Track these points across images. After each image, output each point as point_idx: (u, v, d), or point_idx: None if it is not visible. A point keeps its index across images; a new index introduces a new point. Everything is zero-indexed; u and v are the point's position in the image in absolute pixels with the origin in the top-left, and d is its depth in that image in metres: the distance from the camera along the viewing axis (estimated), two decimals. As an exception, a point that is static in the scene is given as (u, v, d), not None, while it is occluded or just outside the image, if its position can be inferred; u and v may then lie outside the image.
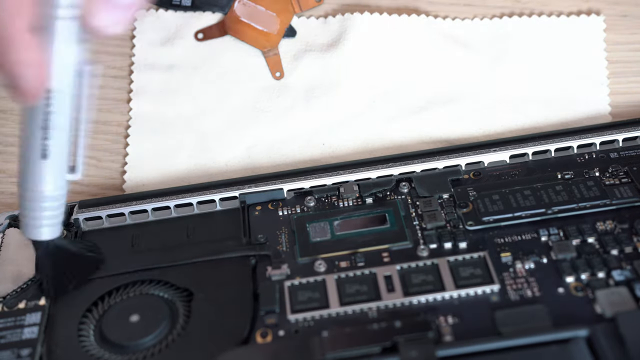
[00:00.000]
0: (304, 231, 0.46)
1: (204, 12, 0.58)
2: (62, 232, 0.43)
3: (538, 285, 0.41)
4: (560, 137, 0.49)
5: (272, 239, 0.46)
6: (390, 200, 0.47)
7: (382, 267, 0.43)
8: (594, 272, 0.41)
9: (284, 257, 0.44)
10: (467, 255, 0.43)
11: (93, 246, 0.46)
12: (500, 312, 0.40)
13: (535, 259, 0.43)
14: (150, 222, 0.48)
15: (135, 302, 0.43)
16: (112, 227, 0.48)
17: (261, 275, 0.44)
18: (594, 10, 0.58)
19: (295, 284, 0.43)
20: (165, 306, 0.42)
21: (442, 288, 0.41)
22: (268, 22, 0.57)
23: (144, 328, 0.41)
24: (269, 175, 0.50)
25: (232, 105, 0.55)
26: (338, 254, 0.44)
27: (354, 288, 0.42)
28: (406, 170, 0.49)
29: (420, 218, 0.46)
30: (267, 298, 0.42)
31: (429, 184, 0.48)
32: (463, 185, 0.47)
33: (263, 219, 0.47)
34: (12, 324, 0.42)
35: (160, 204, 0.48)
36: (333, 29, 0.57)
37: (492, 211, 0.45)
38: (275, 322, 0.41)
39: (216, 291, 0.43)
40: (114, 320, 0.42)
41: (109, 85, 0.57)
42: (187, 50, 0.57)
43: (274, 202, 0.48)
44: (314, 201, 0.48)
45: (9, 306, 0.44)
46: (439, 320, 0.40)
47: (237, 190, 0.49)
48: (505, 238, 0.44)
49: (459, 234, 0.44)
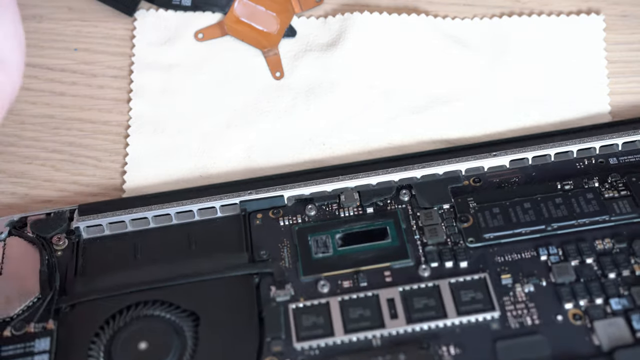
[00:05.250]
0: (306, 245, 0.46)
1: (204, 12, 0.57)
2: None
3: (537, 312, 0.42)
4: (560, 140, 0.49)
5: (274, 252, 0.46)
6: (390, 210, 0.48)
7: (384, 289, 0.44)
8: (592, 298, 0.42)
9: (287, 276, 0.45)
10: (468, 277, 0.44)
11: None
12: (501, 342, 0.41)
13: (535, 282, 0.43)
14: (151, 229, 0.48)
15: (143, 328, 0.43)
16: (113, 235, 0.48)
17: (265, 295, 0.44)
18: (594, 10, 0.57)
19: (300, 307, 0.43)
20: (173, 332, 0.43)
21: (444, 315, 0.42)
22: (268, 22, 0.56)
23: (154, 357, 0.42)
24: (270, 178, 0.50)
25: (232, 106, 0.54)
26: (340, 273, 0.45)
27: (357, 313, 0.43)
28: (406, 175, 0.49)
29: (421, 231, 0.46)
30: (272, 324, 0.43)
31: (430, 193, 0.48)
32: (463, 194, 0.48)
33: (264, 229, 0.47)
34: (21, 350, 0.43)
35: (161, 211, 0.48)
36: (333, 28, 0.56)
37: (493, 227, 0.46)
38: (281, 350, 0.42)
39: (221, 313, 0.44)
40: (123, 349, 0.43)
41: (108, 85, 0.56)
42: (187, 50, 0.56)
43: (274, 210, 0.48)
44: (315, 209, 0.48)
45: (17, 329, 0.44)
46: (441, 350, 0.41)
47: (238, 197, 0.48)
48: (506, 256, 0.45)
49: (459, 252, 0.45)
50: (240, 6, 0.56)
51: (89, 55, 0.57)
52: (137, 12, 0.58)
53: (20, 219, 0.50)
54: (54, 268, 0.47)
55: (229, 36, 0.56)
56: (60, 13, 0.59)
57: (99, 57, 0.57)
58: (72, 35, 0.58)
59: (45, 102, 0.56)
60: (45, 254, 0.47)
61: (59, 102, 0.56)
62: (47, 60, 0.57)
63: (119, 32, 0.58)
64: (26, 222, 0.49)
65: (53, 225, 0.49)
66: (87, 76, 0.56)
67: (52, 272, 0.46)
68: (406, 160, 0.50)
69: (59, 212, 0.49)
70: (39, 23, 0.58)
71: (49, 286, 0.46)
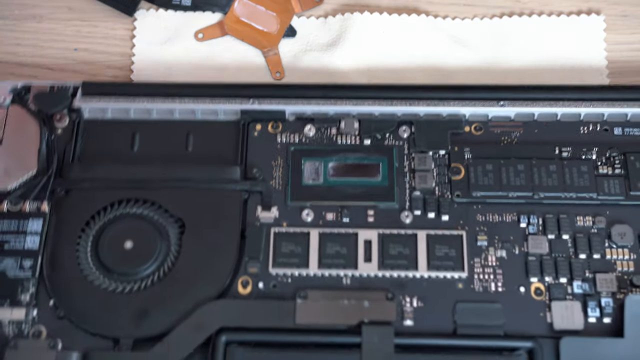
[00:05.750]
0: (298, 169, 0.47)
1: (204, 12, 0.57)
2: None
3: (503, 279, 0.44)
4: (570, 101, 0.49)
5: (266, 171, 0.47)
6: (387, 145, 0.48)
7: (364, 229, 0.45)
8: (558, 276, 0.44)
9: (275, 198, 0.47)
10: (446, 232, 0.45)
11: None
12: (461, 304, 0.44)
13: (508, 247, 0.45)
14: (153, 121, 0.49)
15: (131, 227, 0.46)
16: (114, 120, 0.49)
17: (250, 214, 0.46)
18: (594, 10, 0.56)
19: (282, 232, 0.45)
20: (159, 236, 0.45)
21: (415, 266, 0.45)
22: (268, 21, 0.55)
23: (137, 257, 0.45)
24: (274, 87, 0.50)
25: None
26: (327, 204, 0.46)
27: (335, 249, 0.45)
28: (410, 110, 0.49)
29: (412, 175, 0.47)
30: (252, 245, 0.45)
31: (429, 134, 0.48)
32: (461, 142, 0.48)
33: (261, 142, 0.48)
34: (15, 228, 0.46)
35: (165, 105, 0.49)
36: (333, 28, 0.56)
37: (482, 185, 0.47)
38: (256, 272, 0.45)
39: (206, 224, 0.46)
40: (109, 245, 0.45)
41: (108, 85, 0.55)
42: (187, 50, 0.55)
43: (274, 124, 0.49)
44: (314, 130, 0.49)
45: (13, 204, 0.46)
46: (404, 301, 0.44)
47: (240, 105, 0.49)
48: (487, 216, 0.46)
49: (444, 204, 0.46)
50: (240, 6, 0.56)
51: (89, 55, 0.56)
52: (137, 12, 0.57)
53: (23, 86, 0.50)
54: (52, 147, 0.48)
55: (229, 36, 0.56)
56: (60, 13, 0.58)
57: (99, 57, 0.56)
58: (72, 35, 0.57)
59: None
60: (45, 130, 0.49)
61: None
62: (47, 60, 0.56)
63: (119, 32, 0.57)
64: (30, 90, 0.50)
65: (55, 101, 0.49)
66: (87, 76, 0.55)
67: (50, 152, 0.48)
68: (413, 91, 0.49)
69: (63, 88, 0.50)
70: (39, 23, 0.57)
71: (47, 166, 0.47)
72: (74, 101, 0.49)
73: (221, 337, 0.42)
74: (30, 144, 0.49)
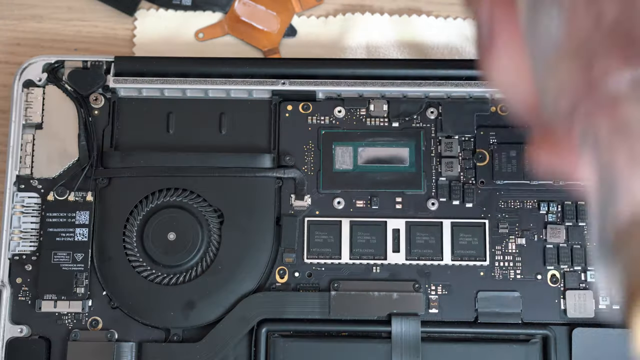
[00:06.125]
0: (329, 154, 0.49)
1: (204, 12, 0.56)
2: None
3: (522, 268, 0.48)
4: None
5: (298, 155, 0.50)
6: (415, 128, 0.50)
7: (393, 219, 0.48)
8: (572, 265, 0.48)
9: (308, 186, 0.49)
10: (470, 220, 0.48)
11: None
12: (482, 293, 0.48)
13: (527, 235, 0.48)
14: (186, 99, 0.51)
15: (173, 218, 0.48)
16: (148, 99, 0.51)
17: (285, 202, 0.49)
18: None
19: (315, 221, 0.48)
20: (199, 228, 0.48)
21: (440, 255, 0.48)
22: (268, 21, 0.54)
23: (182, 248, 0.48)
24: (305, 65, 0.51)
25: None
26: (357, 191, 0.49)
27: (365, 238, 0.48)
28: (437, 90, 0.50)
29: (439, 160, 0.49)
30: (288, 236, 0.48)
31: (455, 116, 0.50)
32: (487, 125, 0.50)
33: (292, 125, 0.50)
34: (64, 220, 0.49)
35: (198, 86, 0.50)
36: (333, 28, 0.54)
37: (506, 173, 0.49)
38: (292, 261, 0.48)
39: (243, 212, 0.48)
40: (154, 237, 0.48)
41: (109, 85, 0.54)
42: (187, 50, 0.54)
43: (304, 105, 0.50)
44: (344, 112, 0.50)
45: (59, 195, 0.49)
46: (430, 289, 0.48)
47: (272, 85, 0.50)
48: (509, 203, 0.49)
49: (468, 192, 0.49)
50: (240, 5, 0.54)
51: (89, 55, 0.53)
52: (138, 11, 0.55)
53: (56, 61, 0.51)
54: (91, 132, 0.50)
55: (230, 35, 0.55)
56: (60, 13, 0.55)
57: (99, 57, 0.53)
58: (72, 35, 0.55)
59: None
60: (83, 113, 0.50)
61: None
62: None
63: (119, 32, 0.55)
64: (63, 65, 0.51)
65: (90, 81, 0.50)
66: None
67: (89, 138, 0.49)
68: (440, 68, 0.50)
69: (96, 65, 0.50)
70: (39, 23, 0.55)
71: (88, 153, 0.49)
72: (109, 81, 0.50)
73: (262, 328, 0.47)
74: (68, 127, 0.50)
